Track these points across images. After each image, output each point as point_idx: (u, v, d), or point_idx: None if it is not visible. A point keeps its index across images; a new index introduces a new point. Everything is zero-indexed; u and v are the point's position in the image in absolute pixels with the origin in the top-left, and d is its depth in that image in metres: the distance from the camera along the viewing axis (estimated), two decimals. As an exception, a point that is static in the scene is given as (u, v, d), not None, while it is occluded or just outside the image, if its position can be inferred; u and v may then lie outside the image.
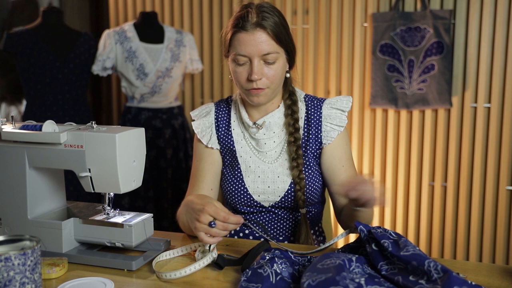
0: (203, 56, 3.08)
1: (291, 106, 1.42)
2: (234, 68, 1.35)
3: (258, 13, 1.30)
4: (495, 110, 2.62)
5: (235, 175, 1.45)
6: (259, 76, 1.31)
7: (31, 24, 2.68)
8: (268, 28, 1.29)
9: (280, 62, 1.34)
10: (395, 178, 2.83)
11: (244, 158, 1.45)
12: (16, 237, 0.96)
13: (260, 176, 1.43)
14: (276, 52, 1.31)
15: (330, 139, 1.42)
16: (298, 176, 1.39)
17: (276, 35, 1.30)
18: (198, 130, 1.47)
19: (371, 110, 2.81)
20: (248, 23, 1.29)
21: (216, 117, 1.48)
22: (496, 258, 2.70)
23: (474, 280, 1.05)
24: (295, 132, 1.40)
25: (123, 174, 1.15)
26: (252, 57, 1.30)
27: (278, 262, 1.06)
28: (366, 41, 2.78)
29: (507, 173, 2.64)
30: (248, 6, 1.33)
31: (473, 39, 2.62)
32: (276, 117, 1.42)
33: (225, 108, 1.50)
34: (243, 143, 1.46)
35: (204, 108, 1.52)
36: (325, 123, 1.43)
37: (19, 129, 1.20)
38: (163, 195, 2.83)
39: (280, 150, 1.43)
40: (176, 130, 2.85)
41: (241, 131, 1.46)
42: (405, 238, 1.00)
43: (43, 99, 2.64)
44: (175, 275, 1.08)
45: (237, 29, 1.31)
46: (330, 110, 1.44)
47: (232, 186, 1.45)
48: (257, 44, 1.29)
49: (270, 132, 1.43)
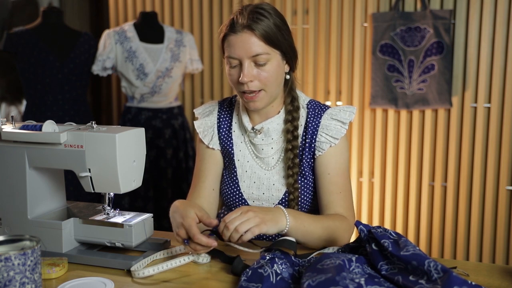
0: (203, 56, 3.08)
1: (292, 113, 1.39)
2: (228, 70, 1.33)
3: (249, 15, 1.28)
4: (495, 110, 2.62)
5: (232, 178, 1.44)
6: (249, 78, 1.29)
7: (31, 24, 2.68)
8: (256, 30, 1.27)
9: (273, 63, 1.31)
10: (395, 178, 2.83)
11: (242, 162, 1.43)
12: (16, 237, 0.96)
13: (255, 182, 1.42)
14: (266, 53, 1.28)
15: (321, 151, 1.38)
16: (292, 185, 1.37)
17: (266, 36, 1.28)
18: (200, 129, 1.46)
19: (371, 110, 2.81)
20: (237, 25, 1.28)
21: (219, 117, 1.47)
22: (496, 258, 2.70)
23: (474, 280, 1.05)
24: (293, 140, 1.37)
25: (123, 174, 1.15)
26: (241, 59, 1.29)
27: (278, 262, 1.06)
28: (366, 41, 2.78)
29: (507, 173, 2.64)
30: (244, 7, 1.31)
31: (473, 39, 2.62)
32: (275, 123, 1.40)
33: (228, 108, 1.48)
34: (242, 147, 1.44)
35: (208, 106, 1.51)
36: (321, 133, 1.38)
37: (19, 129, 1.20)
38: (163, 195, 2.83)
39: (278, 157, 1.41)
40: (176, 130, 2.85)
41: (241, 134, 1.45)
42: (405, 238, 1.00)
43: (43, 99, 2.64)
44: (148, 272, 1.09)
45: (227, 31, 1.31)
46: (330, 120, 1.39)
47: (228, 189, 1.44)
48: (245, 46, 1.27)
49: (268, 138, 1.40)
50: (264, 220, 1.13)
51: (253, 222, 1.11)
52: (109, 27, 3.21)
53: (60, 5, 3.18)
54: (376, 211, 2.86)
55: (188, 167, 2.90)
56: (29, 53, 2.59)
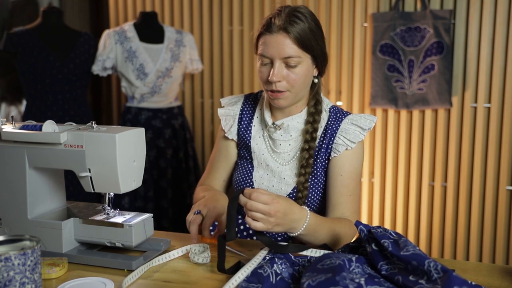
0: (203, 56, 3.08)
1: (314, 115, 1.42)
2: (259, 68, 1.37)
3: (286, 17, 1.31)
4: (495, 110, 2.62)
5: (247, 167, 1.48)
6: (278, 78, 1.32)
7: (31, 24, 2.68)
8: (291, 33, 1.30)
9: (303, 67, 1.34)
10: (395, 178, 2.83)
11: (257, 154, 1.47)
12: (16, 237, 0.96)
13: (268, 174, 1.45)
14: (298, 57, 1.32)
15: (337, 153, 1.40)
16: (303, 184, 1.39)
17: (300, 40, 1.31)
18: (222, 117, 1.52)
19: (371, 110, 2.81)
20: (273, 25, 1.31)
21: (242, 109, 1.51)
22: (496, 258, 2.70)
23: (474, 280, 1.05)
24: (311, 141, 1.40)
25: (123, 174, 1.15)
26: (273, 59, 1.32)
27: (278, 262, 1.06)
28: (366, 41, 2.78)
29: (507, 173, 2.64)
30: (282, 9, 1.34)
31: (473, 39, 2.62)
32: (296, 121, 1.43)
33: (252, 103, 1.53)
34: (260, 140, 1.48)
35: (234, 97, 1.56)
36: (339, 136, 1.41)
37: (19, 129, 1.20)
38: (163, 195, 2.83)
39: (294, 154, 1.44)
40: (176, 130, 2.85)
41: (261, 128, 1.48)
42: (405, 238, 1.00)
43: (43, 99, 2.64)
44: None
45: (263, 30, 1.34)
46: (349, 125, 1.42)
47: (240, 177, 1.48)
48: (279, 47, 1.31)
49: (287, 135, 1.43)
50: (277, 225, 1.15)
51: (268, 225, 1.13)
52: (109, 27, 3.21)
53: (60, 5, 3.18)
54: (376, 211, 2.86)
55: (188, 167, 2.90)
56: (29, 53, 2.59)
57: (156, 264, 1.17)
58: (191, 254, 1.19)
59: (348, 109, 2.84)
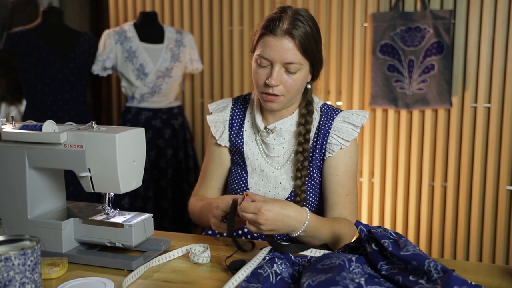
0: (203, 56, 3.08)
1: (306, 116, 1.40)
2: (255, 69, 1.34)
3: (291, 20, 1.28)
4: (495, 110, 2.62)
5: (241, 174, 1.46)
6: (277, 82, 1.30)
7: (31, 24, 2.68)
8: (296, 38, 1.28)
9: (302, 73, 1.32)
10: (395, 178, 2.83)
11: (251, 160, 1.45)
12: (16, 237, 0.96)
13: (263, 179, 1.43)
14: (299, 63, 1.30)
15: (332, 153, 1.39)
16: (300, 187, 1.38)
17: (303, 46, 1.29)
18: (212, 124, 1.50)
19: (371, 110, 2.81)
20: (278, 28, 1.28)
21: (232, 115, 1.49)
22: (496, 258, 2.70)
23: (474, 280, 1.05)
24: (304, 143, 1.38)
25: (123, 174, 1.15)
26: (274, 62, 1.30)
27: (278, 262, 1.06)
28: (366, 41, 2.78)
29: (507, 173, 2.64)
30: (284, 10, 1.31)
31: (473, 39, 2.62)
32: (288, 123, 1.41)
33: (242, 106, 1.49)
34: (253, 145, 1.45)
35: (222, 102, 1.52)
36: (332, 135, 1.39)
37: (19, 129, 1.20)
38: (163, 195, 2.83)
39: (288, 157, 1.42)
40: (176, 130, 2.85)
41: (253, 133, 1.46)
42: (405, 238, 1.00)
43: (43, 99, 2.64)
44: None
45: (266, 31, 1.30)
46: (342, 123, 1.40)
47: (235, 184, 1.46)
48: (282, 51, 1.28)
49: (280, 138, 1.42)
50: (271, 231, 1.15)
51: (261, 231, 1.15)
52: (109, 27, 3.21)
53: (60, 5, 3.18)
54: (376, 211, 2.86)
55: (188, 167, 2.90)
56: (29, 53, 2.59)
57: (156, 264, 1.17)
58: (191, 254, 1.19)
59: (348, 109, 2.84)
